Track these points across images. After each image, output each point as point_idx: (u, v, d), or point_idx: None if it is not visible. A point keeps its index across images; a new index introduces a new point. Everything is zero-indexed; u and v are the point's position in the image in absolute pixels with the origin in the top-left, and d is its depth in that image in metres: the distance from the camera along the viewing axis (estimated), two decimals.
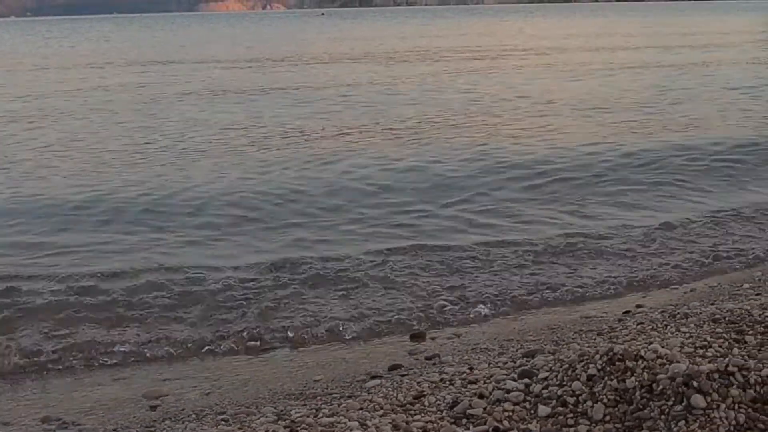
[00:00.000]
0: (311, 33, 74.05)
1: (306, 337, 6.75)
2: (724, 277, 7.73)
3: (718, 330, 4.78)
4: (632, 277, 7.92)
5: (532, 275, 8.03)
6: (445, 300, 7.35)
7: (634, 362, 3.99)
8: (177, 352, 6.55)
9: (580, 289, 7.60)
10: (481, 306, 7.27)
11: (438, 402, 4.39)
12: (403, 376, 5.31)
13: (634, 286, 7.75)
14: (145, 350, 6.54)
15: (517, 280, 7.90)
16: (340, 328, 6.84)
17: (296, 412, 4.61)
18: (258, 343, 6.66)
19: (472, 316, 7.11)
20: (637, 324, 5.66)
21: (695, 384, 3.73)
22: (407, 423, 4.14)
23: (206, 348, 6.59)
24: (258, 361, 6.37)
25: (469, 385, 4.59)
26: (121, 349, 6.55)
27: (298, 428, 4.20)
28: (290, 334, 6.77)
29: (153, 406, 5.51)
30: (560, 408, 3.97)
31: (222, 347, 6.59)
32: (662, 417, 3.71)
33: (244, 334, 6.76)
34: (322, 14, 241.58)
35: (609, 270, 8.12)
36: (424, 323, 6.95)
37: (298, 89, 25.08)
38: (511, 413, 4.04)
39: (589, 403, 3.91)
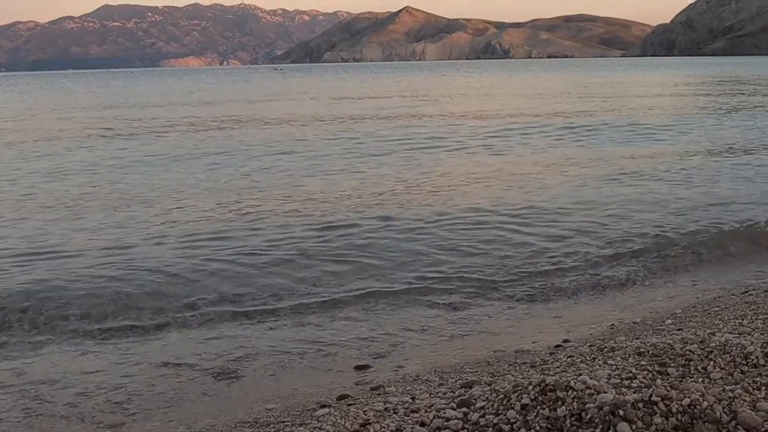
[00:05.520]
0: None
1: (259, 367, 6.61)
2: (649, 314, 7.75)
3: (642, 362, 4.79)
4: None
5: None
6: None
7: (565, 392, 3.96)
8: (142, 379, 6.38)
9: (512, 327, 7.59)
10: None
11: (383, 430, 4.32)
12: (350, 405, 5.23)
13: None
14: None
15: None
16: (292, 360, 6.73)
17: None
18: (214, 373, 6.51)
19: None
20: (568, 357, 5.65)
21: (621, 413, 3.71)
22: None
23: (166, 376, 6.43)
24: (214, 390, 6.21)
25: (411, 414, 4.52)
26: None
27: None
28: (244, 365, 6.63)
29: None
30: None
31: (182, 377, 6.42)
32: None
33: (200, 363, 6.62)
34: (280, 69, 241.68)
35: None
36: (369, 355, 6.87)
37: None
38: None
39: (523, 430, 3.87)
